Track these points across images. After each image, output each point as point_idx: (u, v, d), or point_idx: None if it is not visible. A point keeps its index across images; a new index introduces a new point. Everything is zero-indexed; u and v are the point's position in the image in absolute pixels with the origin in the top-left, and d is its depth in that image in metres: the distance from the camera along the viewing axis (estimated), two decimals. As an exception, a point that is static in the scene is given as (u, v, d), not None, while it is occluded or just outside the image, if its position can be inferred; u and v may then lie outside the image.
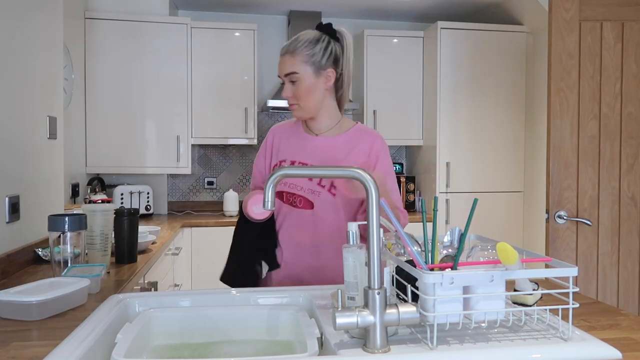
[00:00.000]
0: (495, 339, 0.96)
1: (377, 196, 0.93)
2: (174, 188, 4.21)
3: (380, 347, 0.90)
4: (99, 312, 1.16)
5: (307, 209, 1.63)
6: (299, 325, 1.10)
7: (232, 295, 1.31)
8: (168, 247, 2.85)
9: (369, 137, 1.67)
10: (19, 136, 1.91)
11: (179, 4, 4.08)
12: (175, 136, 3.72)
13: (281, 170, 0.97)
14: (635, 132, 2.43)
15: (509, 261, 0.94)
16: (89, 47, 3.56)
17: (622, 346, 0.95)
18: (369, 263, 0.92)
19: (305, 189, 1.63)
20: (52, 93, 2.24)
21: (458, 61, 3.88)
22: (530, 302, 1.02)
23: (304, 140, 1.70)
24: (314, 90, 1.62)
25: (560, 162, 2.40)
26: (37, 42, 2.08)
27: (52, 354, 0.91)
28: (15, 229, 1.85)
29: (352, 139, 1.66)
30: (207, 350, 1.14)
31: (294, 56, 1.60)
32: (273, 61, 4.22)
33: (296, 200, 1.65)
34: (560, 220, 2.40)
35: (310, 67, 1.60)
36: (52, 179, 2.22)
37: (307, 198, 1.63)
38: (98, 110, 3.59)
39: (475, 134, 3.90)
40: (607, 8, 2.40)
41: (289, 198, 1.66)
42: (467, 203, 3.84)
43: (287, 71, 1.60)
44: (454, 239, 1.09)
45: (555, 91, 2.39)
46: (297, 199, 1.64)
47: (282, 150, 1.72)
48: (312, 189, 1.63)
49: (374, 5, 4.04)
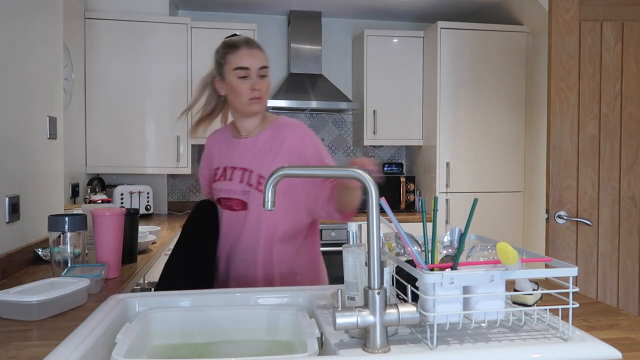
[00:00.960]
0: (495, 339, 0.96)
1: (377, 196, 0.93)
2: (174, 188, 4.21)
3: (380, 347, 0.90)
4: (99, 312, 1.16)
5: (242, 211, 1.68)
6: (299, 325, 1.10)
7: (232, 296, 1.31)
8: (168, 247, 2.85)
9: (285, 130, 1.71)
10: (19, 136, 1.91)
11: (179, 4, 4.08)
12: (175, 136, 3.72)
13: (281, 170, 0.98)
14: (635, 132, 2.43)
15: (509, 261, 0.94)
16: (89, 47, 3.56)
17: (622, 346, 0.95)
18: (369, 263, 0.92)
19: (239, 190, 1.69)
20: (52, 93, 2.24)
21: (458, 61, 3.88)
22: (530, 302, 1.02)
23: (233, 144, 1.76)
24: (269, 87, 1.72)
25: (560, 162, 2.40)
26: (37, 42, 2.08)
27: (52, 354, 0.91)
28: (15, 229, 1.85)
29: (272, 135, 1.71)
30: (207, 350, 1.14)
31: (263, 52, 1.70)
32: (273, 61, 4.24)
33: (232, 204, 1.70)
34: (560, 220, 2.40)
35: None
36: (52, 179, 2.22)
37: (241, 199, 1.68)
38: (98, 110, 3.59)
39: (475, 134, 3.90)
40: (607, 8, 2.40)
41: (226, 203, 1.72)
42: (467, 203, 3.84)
43: (261, 64, 1.66)
44: (454, 239, 1.09)
45: (555, 91, 2.39)
46: (233, 202, 1.70)
47: (216, 157, 1.79)
48: (243, 189, 1.68)
49: (374, 5, 4.04)
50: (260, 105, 1.69)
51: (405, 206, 4.08)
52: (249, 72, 1.64)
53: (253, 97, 1.66)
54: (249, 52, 1.66)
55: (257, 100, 1.66)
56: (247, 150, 1.72)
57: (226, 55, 1.67)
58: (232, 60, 1.65)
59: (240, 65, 1.65)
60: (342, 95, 3.97)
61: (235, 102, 1.70)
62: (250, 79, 1.65)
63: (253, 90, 1.65)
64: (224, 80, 1.69)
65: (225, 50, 1.68)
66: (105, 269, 1.54)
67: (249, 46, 1.67)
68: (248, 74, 1.65)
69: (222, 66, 1.69)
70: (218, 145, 1.81)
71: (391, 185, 4.06)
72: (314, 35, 4.13)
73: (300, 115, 4.32)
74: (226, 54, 1.68)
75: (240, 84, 1.65)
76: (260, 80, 1.66)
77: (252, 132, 1.74)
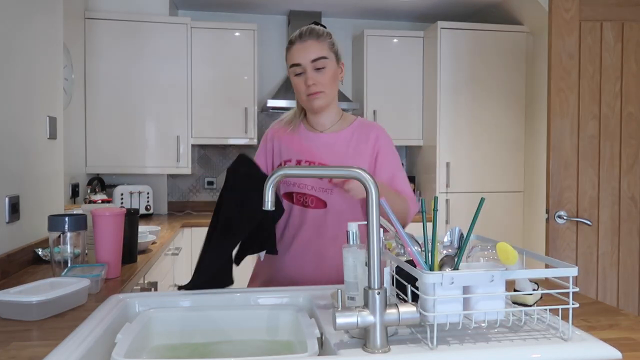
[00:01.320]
0: (495, 339, 0.96)
1: (377, 196, 0.93)
2: (174, 188, 4.21)
3: (380, 347, 0.90)
4: (99, 312, 1.16)
5: (319, 209, 1.60)
6: (299, 325, 1.10)
7: (232, 296, 1.31)
8: (168, 247, 2.85)
9: (373, 131, 1.66)
10: (19, 136, 1.91)
11: (179, 4, 4.08)
12: (175, 136, 3.72)
13: (281, 170, 0.97)
14: (635, 132, 2.43)
15: (509, 261, 0.94)
16: (89, 47, 3.56)
17: (622, 346, 0.95)
18: (369, 263, 0.92)
19: (317, 187, 1.60)
20: (52, 93, 2.24)
21: (458, 61, 3.88)
22: (530, 302, 1.02)
23: (308, 138, 1.66)
24: (336, 78, 1.61)
25: (560, 162, 2.40)
26: (37, 42, 2.08)
27: (52, 354, 0.91)
28: (15, 229, 1.85)
29: (355, 133, 1.65)
30: (207, 350, 1.14)
31: (320, 41, 1.57)
32: (273, 61, 4.26)
33: (307, 200, 1.61)
34: (560, 220, 2.40)
35: (334, 55, 1.59)
36: (52, 179, 2.22)
37: (319, 197, 1.60)
38: (98, 110, 3.59)
39: (475, 134, 3.90)
40: (607, 8, 2.40)
41: (299, 199, 1.62)
42: (467, 203, 3.84)
43: (315, 56, 1.55)
44: (454, 239, 1.09)
45: (555, 91, 2.39)
46: (309, 198, 1.61)
47: (285, 151, 1.67)
48: (323, 187, 1.59)
49: (374, 5, 4.04)
50: (322, 100, 1.59)
51: (405, 206, 4.08)
52: (302, 68, 1.56)
53: (310, 92, 1.57)
54: (301, 47, 1.56)
55: (315, 95, 1.57)
56: (327, 146, 1.63)
57: (286, 53, 1.61)
58: (288, 58, 1.59)
59: (292, 62, 1.58)
60: (342, 95, 3.97)
61: (299, 99, 1.65)
62: (304, 75, 1.57)
63: (308, 87, 1.56)
64: (290, 78, 1.63)
65: (286, 48, 1.62)
66: (105, 269, 1.54)
67: (301, 40, 1.57)
68: (302, 70, 1.56)
69: (286, 64, 1.62)
70: (287, 138, 1.68)
71: (391, 185, 4.05)
72: (314, 35, 4.13)
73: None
74: (286, 52, 1.61)
75: (297, 81, 1.59)
76: (317, 74, 1.56)
77: (330, 127, 1.66)
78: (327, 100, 1.60)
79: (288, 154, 1.66)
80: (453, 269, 1.00)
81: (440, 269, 1.00)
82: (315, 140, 1.65)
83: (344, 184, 1.44)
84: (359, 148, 1.62)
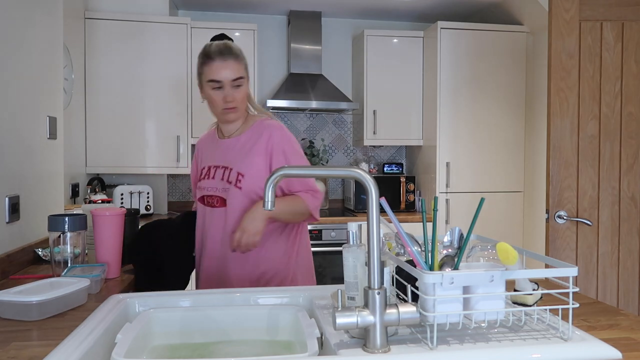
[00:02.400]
0: (495, 339, 0.96)
1: (377, 196, 0.93)
2: (174, 188, 4.21)
3: (380, 347, 0.90)
4: (99, 312, 1.16)
5: (221, 207, 1.72)
6: (299, 325, 1.10)
7: (232, 296, 1.31)
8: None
9: (266, 131, 1.74)
10: (19, 136, 1.91)
11: (179, 4, 4.08)
12: (175, 136, 3.72)
13: (281, 170, 0.98)
14: (635, 132, 2.43)
15: (509, 261, 0.94)
16: (89, 47, 3.56)
17: (622, 346, 0.95)
18: (369, 263, 0.92)
19: (219, 188, 1.73)
20: (52, 93, 2.24)
21: (458, 61, 3.88)
22: (530, 302, 1.02)
23: (217, 145, 1.81)
24: (247, 94, 1.76)
25: (560, 162, 2.40)
26: (37, 42, 2.08)
27: (52, 354, 0.91)
28: (15, 229, 1.85)
29: (251, 135, 1.75)
30: (207, 350, 1.14)
31: (239, 62, 1.71)
32: (273, 61, 4.26)
33: (213, 201, 1.74)
34: (560, 220, 2.40)
35: (247, 73, 1.74)
36: (52, 179, 2.22)
37: (220, 196, 1.72)
38: (98, 110, 3.59)
39: (475, 134, 3.90)
40: (607, 8, 2.40)
41: (208, 201, 1.76)
42: (467, 203, 3.85)
43: (235, 76, 1.68)
44: (454, 239, 1.09)
45: (555, 91, 2.39)
46: (214, 199, 1.74)
47: (202, 157, 1.85)
48: (223, 187, 1.72)
49: (374, 5, 4.04)
50: (235, 114, 1.74)
51: (405, 206, 4.08)
52: (221, 84, 1.68)
53: (226, 107, 1.70)
54: (222, 65, 1.67)
55: (231, 110, 1.71)
56: (229, 149, 1.77)
57: (202, 66, 1.71)
58: (207, 72, 1.69)
59: (212, 78, 1.68)
60: (342, 95, 3.97)
61: (212, 110, 1.77)
62: (223, 90, 1.69)
63: (227, 102, 1.69)
64: (202, 89, 1.75)
65: (201, 61, 1.72)
66: (105, 269, 1.54)
67: (222, 57, 1.68)
68: (221, 86, 1.68)
69: (199, 75, 1.74)
70: (205, 146, 1.87)
71: (391, 185, 4.06)
72: (314, 35, 4.13)
73: (300, 115, 4.32)
74: (202, 65, 1.71)
75: (214, 94, 1.70)
76: (234, 91, 1.70)
77: (234, 132, 1.79)
78: (239, 114, 1.76)
79: (204, 161, 1.84)
80: (453, 269, 1.00)
81: (440, 269, 1.00)
82: (221, 145, 1.79)
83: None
84: (253, 148, 1.72)
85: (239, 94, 1.71)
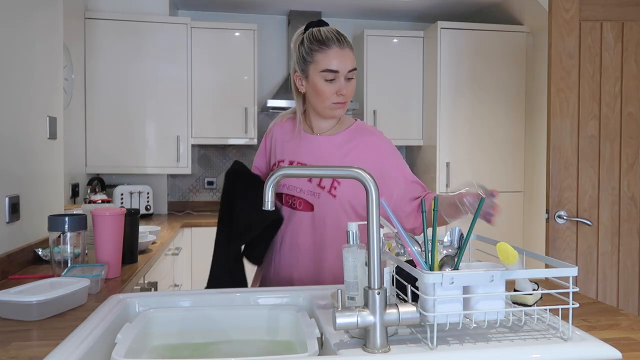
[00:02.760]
0: (495, 339, 0.96)
1: (377, 196, 0.93)
2: (174, 188, 4.21)
3: (380, 347, 0.90)
4: (99, 312, 1.16)
5: (307, 211, 1.58)
6: (299, 325, 1.10)
7: (232, 296, 1.31)
8: (168, 247, 2.85)
9: (370, 139, 1.62)
10: (19, 136, 1.91)
11: (179, 4, 4.08)
12: (175, 136, 3.72)
13: (281, 170, 0.97)
14: (635, 132, 2.43)
15: (509, 261, 0.94)
16: (89, 47, 3.56)
17: (622, 346, 0.95)
18: (369, 263, 0.92)
19: (305, 190, 1.58)
20: (52, 93, 2.24)
21: (458, 61, 3.88)
22: (530, 302, 1.02)
23: (304, 140, 1.63)
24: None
25: (560, 162, 2.40)
26: (37, 42, 2.08)
27: (52, 354, 0.91)
28: (15, 229, 1.85)
29: (350, 138, 1.62)
30: (207, 350, 1.14)
31: (353, 51, 1.54)
32: (273, 61, 4.26)
33: (295, 203, 1.60)
34: (560, 220, 2.40)
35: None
36: (52, 179, 2.22)
37: (307, 200, 1.58)
38: (98, 110, 3.59)
39: (475, 134, 3.90)
40: (607, 8, 2.40)
41: (288, 200, 1.61)
42: (467, 203, 3.84)
43: (352, 67, 1.52)
44: (454, 239, 1.09)
45: (555, 91, 2.39)
46: (297, 201, 1.59)
47: (281, 150, 1.67)
48: (312, 190, 1.57)
49: (374, 5, 4.04)
50: (343, 110, 1.57)
51: (405, 206, 4.08)
52: (337, 75, 1.50)
53: (338, 101, 1.53)
54: (340, 53, 1.50)
55: (341, 105, 1.54)
56: (321, 149, 1.60)
57: (314, 53, 1.51)
58: (321, 61, 1.50)
59: (329, 68, 1.50)
60: (342, 95, 3.97)
61: (317, 104, 1.56)
62: (337, 82, 1.51)
63: (339, 95, 1.52)
64: (307, 78, 1.54)
65: (313, 47, 1.51)
66: (105, 269, 1.54)
67: (340, 45, 1.50)
68: (336, 77, 1.50)
69: (307, 63, 1.53)
70: (287, 138, 1.67)
71: (391, 185, 4.06)
72: (314, 35, 4.13)
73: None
74: (314, 52, 1.51)
75: (326, 86, 1.51)
76: (348, 84, 1.53)
77: (327, 131, 1.63)
78: (344, 111, 1.59)
79: (282, 154, 1.66)
80: (453, 269, 1.00)
81: (440, 269, 1.00)
82: (310, 142, 1.63)
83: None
84: (350, 154, 1.58)
85: (352, 87, 1.54)
